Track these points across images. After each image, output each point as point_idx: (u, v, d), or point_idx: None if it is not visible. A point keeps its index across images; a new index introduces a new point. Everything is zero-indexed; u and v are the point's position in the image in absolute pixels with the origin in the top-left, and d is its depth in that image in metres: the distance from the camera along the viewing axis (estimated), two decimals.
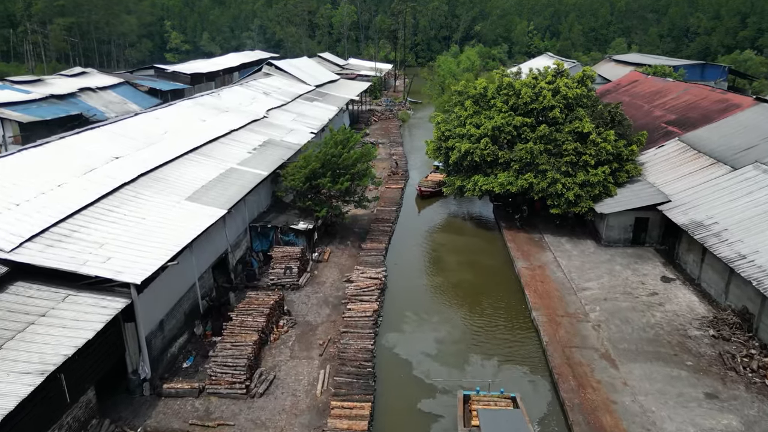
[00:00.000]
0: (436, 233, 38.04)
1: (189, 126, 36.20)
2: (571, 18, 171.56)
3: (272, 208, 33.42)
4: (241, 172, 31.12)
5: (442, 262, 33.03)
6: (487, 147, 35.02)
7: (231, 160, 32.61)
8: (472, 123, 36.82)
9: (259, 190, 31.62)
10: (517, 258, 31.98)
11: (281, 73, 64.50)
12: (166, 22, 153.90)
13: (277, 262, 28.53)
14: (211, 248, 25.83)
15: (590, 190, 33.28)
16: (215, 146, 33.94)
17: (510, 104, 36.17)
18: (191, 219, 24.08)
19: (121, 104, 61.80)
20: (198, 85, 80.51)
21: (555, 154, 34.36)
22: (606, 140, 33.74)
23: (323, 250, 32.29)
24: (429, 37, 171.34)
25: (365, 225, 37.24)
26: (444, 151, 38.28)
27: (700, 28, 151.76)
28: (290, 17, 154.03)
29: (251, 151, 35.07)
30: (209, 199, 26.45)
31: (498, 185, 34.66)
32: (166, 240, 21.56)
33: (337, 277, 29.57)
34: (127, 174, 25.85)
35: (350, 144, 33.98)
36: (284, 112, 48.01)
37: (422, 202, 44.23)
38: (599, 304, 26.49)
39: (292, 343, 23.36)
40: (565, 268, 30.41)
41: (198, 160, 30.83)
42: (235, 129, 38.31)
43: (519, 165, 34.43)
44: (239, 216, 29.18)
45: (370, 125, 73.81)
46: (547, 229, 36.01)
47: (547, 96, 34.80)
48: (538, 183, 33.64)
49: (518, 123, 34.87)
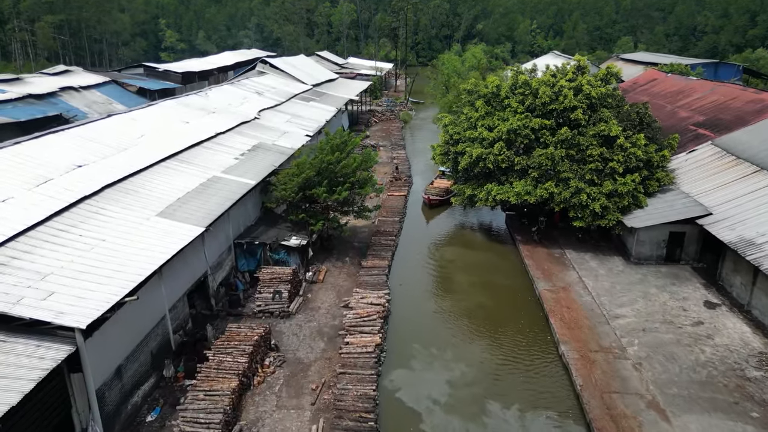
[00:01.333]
0: (444, 247, 34.37)
1: (170, 129, 32.56)
2: (575, 16, 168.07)
3: (261, 222, 29.77)
4: (226, 181, 27.49)
5: (453, 283, 29.35)
6: (501, 152, 31.40)
7: (215, 167, 28.97)
8: (483, 125, 33.22)
9: (245, 201, 28.02)
10: (538, 278, 28.35)
11: (276, 72, 60.89)
12: (160, 20, 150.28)
13: (264, 285, 24.90)
14: (186, 272, 22.19)
15: (618, 201, 29.67)
16: (198, 151, 30.30)
17: (526, 104, 32.55)
18: (162, 239, 20.45)
19: (106, 104, 58.05)
20: (190, 84, 76.78)
21: (578, 160, 30.74)
22: (635, 145, 30.15)
23: (318, 269, 28.66)
24: (430, 36, 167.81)
25: (365, 238, 33.62)
26: (452, 157, 34.65)
27: (707, 26, 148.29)
28: (288, 15, 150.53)
29: (238, 157, 31.44)
30: (185, 214, 22.81)
31: (514, 195, 31.02)
32: (128, 267, 17.92)
33: (333, 301, 25.93)
34: (89, 186, 22.20)
35: (348, 148, 30.36)
36: (278, 113, 44.38)
37: (429, 211, 40.56)
38: (637, 336, 22.85)
39: (280, 387, 19.70)
40: (593, 291, 26.79)
41: (176, 168, 27.19)
42: (222, 132, 34.67)
43: (538, 172, 30.80)
44: (222, 232, 25.55)
45: (371, 126, 70.23)
46: (568, 244, 32.39)
47: (569, 95, 31.18)
48: (560, 193, 30.01)
49: (536, 125, 31.26)
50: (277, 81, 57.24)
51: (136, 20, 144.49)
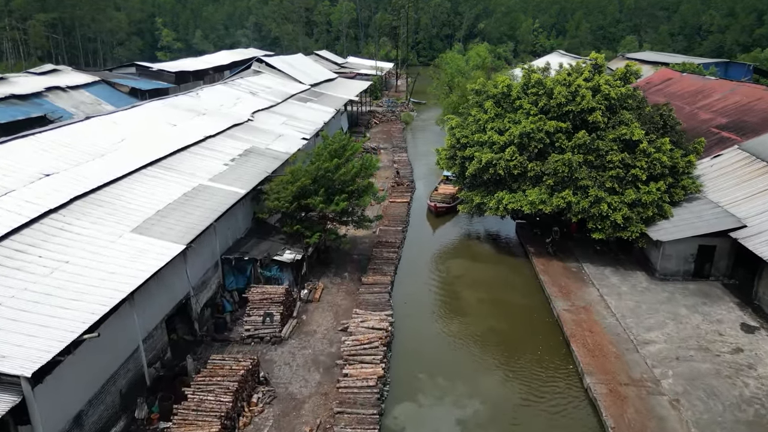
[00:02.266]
0: (451, 260, 31.87)
1: (154, 132, 30.09)
2: (578, 16, 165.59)
3: (252, 234, 27.30)
4: (213, 191, 25.02)
5: (462, 301, 26.85)
6: (513, 157, 28.95)
7: (202, 174, 26.51)
8: (493, 128, 30.76)
9: (235, 211, 25.57)
10: (555, 296, 25.89)
11: (272, 71, 58.42)
12: (157, 19, 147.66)
13: (254, 306, 22.44)
14: (164, 295, 19.75)
15: (642, 212, 27.21)
16: (184, 157, 27.85)
17: (540, 106, 30.10)
18: (135, 260, 18.00)
19: (95, 105, 55.56)
20: (184, 84, 74.26)
21: (597, 166, 28.29)
22: (660, 150, 27.69)
23: (314, 286, 26.20)
24: (431, 35, 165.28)
25: (366, 250, 31.16)
26: (459, 162, 32.19)
27: (713, 26, 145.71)
28: (287, 14, 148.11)
29: (228, 163, 28.97)
30: (164, 229, 20.35)
31: (528, 204, 28.55)
32: (91, 296, 15.47)
33: (330, 323, 23.46)
34: (55, 198, 19.76)
35: (347, 154, 27.89)
36: (273, 115, 41.91)
37: (434, 219, 38.07)
38: (671, 366, 20.39)
39: (269, 430, 17.24)
40: (617, 311, 24.33)
41: (158, 176, 24.73)
42: (212, 135, 32.21)
43: (553, 180, 28.34)
44: (207, 247, 23.09)
45: (371, 128, 67.76)
46: (585, 256, 29.94)
47: (587, 96, 28.72)
48: (578, 202, 27.56)
49: (551, 128, 28.79)
50: (273, 81, 54.78)
51: (132, 19, 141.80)
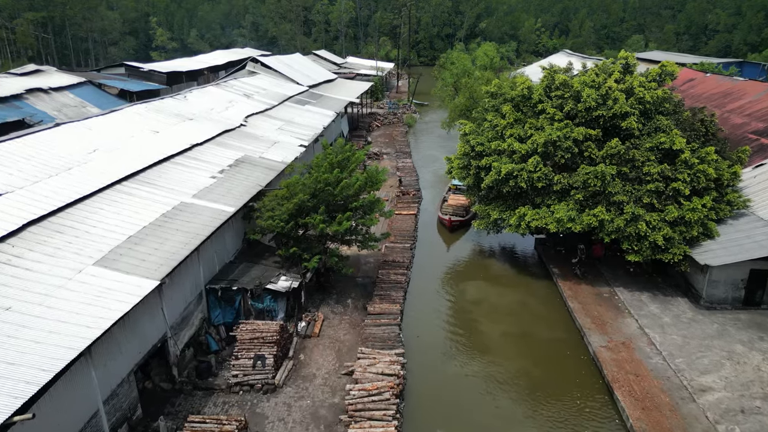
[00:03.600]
0: (466, 282, 28.60)
1: (133, 140, 26.81)
2: (582, 15, 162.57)
3: (243, 256, 24.05)
4: (197, 209, 21.76)
5: (482, 335, 23.55)
6: (537, 168, 25.76)
7: (185, 189, 23.26)
8: (513, 135, 27.58)
9: (223, 232, 22.34)
10: (588, 328, 22.66)
11: (268, 72, 55.16)
12: (151, 18, 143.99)
13: (243, 347, 19.20)
14: (133, 342, 16.49)
15: (684, 231, 24.01)
16: (166, 169, 24.59)
17: (565, 110, 26.95)
18: (96, 301, 14.76)
19: (79, 108, 52.20)
20: (177, 85, 70.90)
21: (632, 179, 25.12)
22: (704, 161, 24.51)
23: (313, 317, 22.95)
24: (431, 35, 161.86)
25: (371, 271, 27.96)
26: (474, 172, 29.00)
27: (719, 25, 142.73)
28: (284, 13, 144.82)
29: (216, 175, 25.71)
30: (135, 260, 17.10)
31: (554, 222, 25.33)
32: (31, 357, 12.23)
33: (332, 365, 20.22)
34: (3, 224, 16.50)
35: (351, 166, 24.67)
36: (268, 119, 38.65)
37: (445, 234, 34.86)
38: (736, 422, 17.20)
39: None
40: (662, 348, 21.12)
41: (133, 193, 21.46)
42: (199, 143, 28.96)
43: (583, 194, 25.15)
44: (189, 277, 19.85)
45: (372, 131, 64.52)
46: (616, 279, 26.77)
47: (620, 99, 25.55)
48: (612, 220, 24.35)
49: (580, 136, 25.60)
50: (268, 82, 51.51)
51: (125, 18, 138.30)
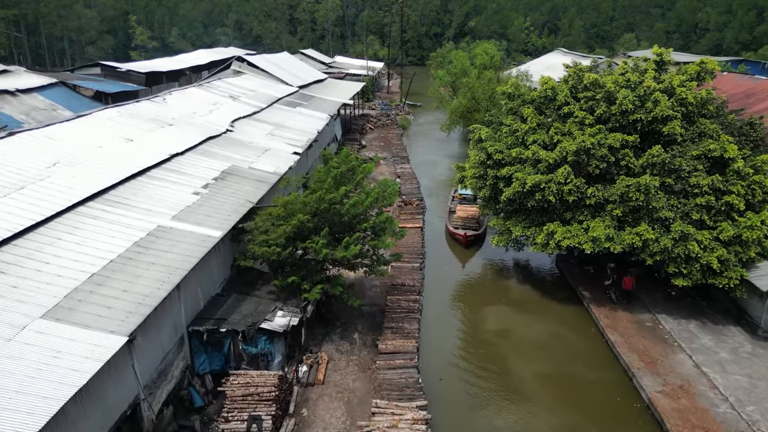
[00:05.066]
0: (487, 308, 25.29)
1: (102, 151, 23.10)
2: (571, 13, 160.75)
3: (231, 287, 20.52)
4: (177, 235, 18.22)
5: (514, 377, 20.21)
6: (569, 180, 22.60)
7: (163, 209, 19.68)
8: (537, 141, 24.42)
9: (208, 259, 18.78)
10: (637, 368, 19.52)
11: (255, 71, 51.47)
12: (130, 16, 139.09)
13: (235, 406, 15.75)
14: (95, 416, 12.91)
15: (740, 252, 21.00)
16: (140, 185, 20.98)
17: (597, 114, 23.84)
18: (43, 370, 11.24)
19: (49, 111, 48.10)
20: (156, 86, 66.75)
21: (678, 192, 22.09)
22: (760, 170, 21.57)
23: (316, 359, 19.54)
24: (419, 34, 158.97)
25: (377, 297, 24.62)
26: (491, 182, 25.79)
27: (710, 23, 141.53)
28: (269, 11, 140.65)
29: (200, 191, 22.15)
30: (97, 307, 13.56)
31: (589, 242, 22.15)
32: None
33: (342, 423, 16.82)
34: None
35: (358, 179, 21.29)
36: (257, 124, 35.08)
37: (456, 249, 31.62)
38: None
39: None
40: (726, 391, 18.07)
41: (100, 216, 17.86)
42: (180, 152, 25.33)
43: (621, 209, 22.03)
44: (167, 320, 16.31)
45: (366, 134, 61.15)
46: (655, 303, 23.74)
47: (662, 101, 22.49)
48: (656, 239, 21.22)
49: (616, 143, 22.48)
50: (256, 82, 47.86)
51: (103, 16, 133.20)
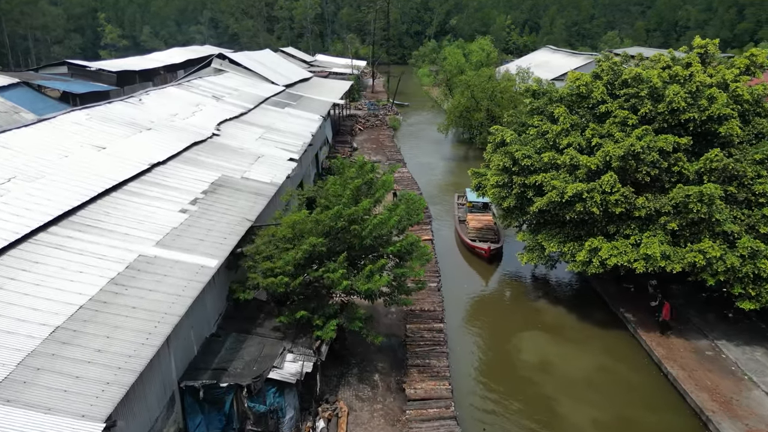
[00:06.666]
0: (520, 337, 22.08)
1: (69, 161, 19.39)
2: (552, 11, 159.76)
3: (228, 324, 17.07)
4: (164, 266, 14.74)
5: (567, 425, 17.03)
6: (615, 189, 19.73)
7: (145, 233, 16.16)
8: (572, 145, 21.53)
9: (202, 294, 15.28)
10: (709, 409, 16.70)
11: (238, 69, 47.78)
12: (99, 14, 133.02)
13: None
14: None
15: None
16: (115, 203, 17.40)
17: (641, 113, 21.05)
18: None
19: (11, 114, 43.58)
20: (129, 86, 62.51)
21: (740, 201, 19.40)
22: None
23: (334, 411, 16.26)
24: (400, 32, 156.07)
25: (395, 325, 21.46)
26: (517, 192, 22.82)
27: (690, 21, 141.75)
28: (246, 9, 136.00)
29: (188, 207, 18.64)
30: (61, 380, 10.08)
31: (641, 260, 19.26)
32: None
33: None
34: None
35: (377, 193, 18.06)
36: (246, 126, 31.55)
37: (472, 260, 28.64)
38: None
39: None
40: None
41: (66, 246, 14.28)
42: (162, 161, 21.74)
43: (677, 222, 19.24)
44: (154, 380, 12.84)
45: (356, 135, 57.84)
46: (710, 326, 21.08)
47: (719, 98, 19.79)
48: (723, 258, 18.43)
49: (669, 146, 19.67)
50: (240, 81, 44.19)
51: (70, 14, 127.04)
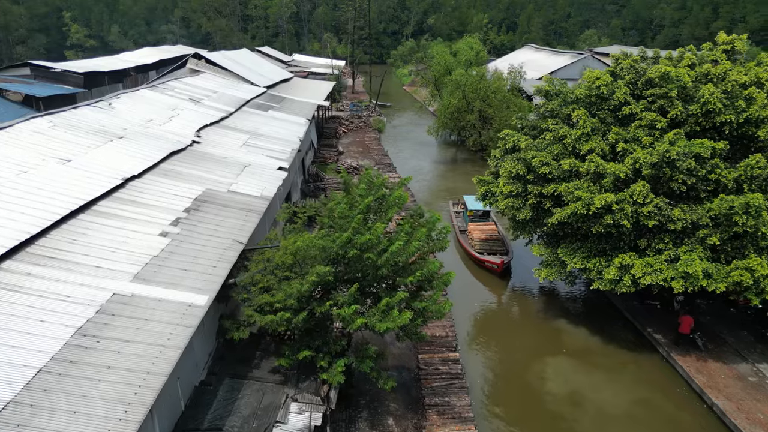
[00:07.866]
0: (543, 364, 20.00)
1: (27, 178, 16.64)
2: (529, 10, 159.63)
3: (220, 368, 14.61)
4: (144, 307, 12.24)
5: None
6: (648, 200, 17.85)
7: (120, 264, 13.60)
8: (594, 150, 19.62)
9: (191, 337, 12.82)
10: None
11: (215, 70, 44.95)
12: (64, 13, 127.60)
13: None
14: None
15: None
16: (83, 227, 14.78)
17: (670, 115, 19.25)
18: None
19: None
20: (97, 88, 59.00)
21: None
22: None
23: None
24: (378, 31, 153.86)
25: (405, 356, 19.23)
26: (534, 202, 20.83)
27: (665, 19, 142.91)
28: (219, 7, 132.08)
29: (169, 229, 16.10)
30: None
31: (679, 278, 17.40)
32: None
33: None
34: None
35: (390, 214, 15.78)
36: (228, 132, 28.92)
37: (478, 273, 26.59)
38: None
39: None
40: None
41: (21, 286, 11.67)
42: (137, 175, 19.12)
43: (718, 236, 17.44)
44: None
45: (340, 138, 55.40)
46: (744, 344, 19.49)
47: (758, 99, 18.08)
48: None
49: (706, 152, 17.86)
50: (218, 82, 41.41)
51: (33, 13, 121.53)
